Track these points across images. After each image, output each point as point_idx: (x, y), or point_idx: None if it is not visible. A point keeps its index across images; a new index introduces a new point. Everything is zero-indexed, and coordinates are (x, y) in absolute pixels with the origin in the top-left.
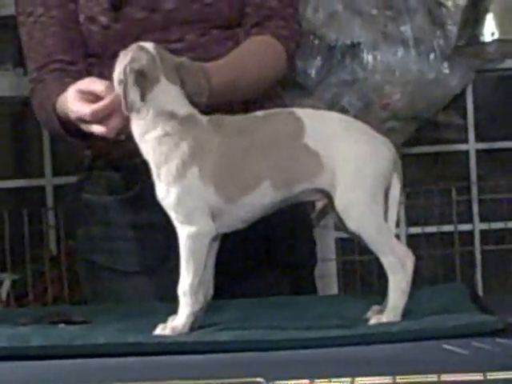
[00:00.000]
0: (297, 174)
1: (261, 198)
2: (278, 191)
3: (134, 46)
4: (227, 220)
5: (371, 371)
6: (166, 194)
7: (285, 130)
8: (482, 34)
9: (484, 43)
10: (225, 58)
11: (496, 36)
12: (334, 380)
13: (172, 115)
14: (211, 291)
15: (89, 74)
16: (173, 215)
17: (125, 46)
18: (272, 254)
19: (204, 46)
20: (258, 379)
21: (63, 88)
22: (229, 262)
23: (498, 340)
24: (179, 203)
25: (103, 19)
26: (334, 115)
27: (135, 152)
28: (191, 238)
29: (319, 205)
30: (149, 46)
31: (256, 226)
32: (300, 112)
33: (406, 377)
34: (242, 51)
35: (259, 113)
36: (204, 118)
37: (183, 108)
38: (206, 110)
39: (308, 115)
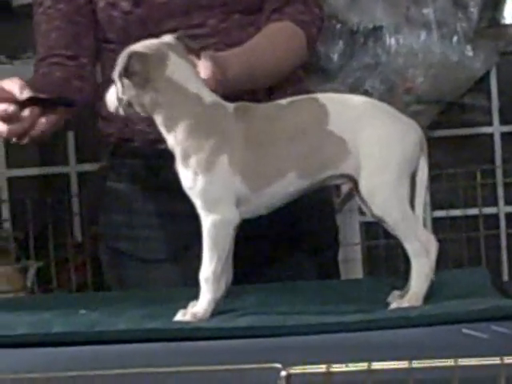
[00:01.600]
0: (322, 162)
1: (285, 188)
2: (303, 180)
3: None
4: (251, 207)
5: (388, 356)
6: (194, 182)
7: (309, 117)
8: (503, 16)
9: (505, 25)
10: (242, 46)
11: None
12: (350, 365)
13: (198, 101)
14: (231, 277)
15: (110, 59)
16: (198, 203)
17: (146, 31)
18: (295, 239)
19: (225, 31)
20: (276, 365)
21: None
22: (251, 247)
23: None
24: (207, 191)
25: (124, 4)
26: (359, 99)
27: (158, 139)
28: (216, 225)
29: (344, 189)
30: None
31: (278, 211)
32: (324, 98)
33: (423, 361)
34: (260, 39)
35: (283, 101)
36: (230, 106)
37: (208, 94)
38: (229, 98)
39: (332, 101)
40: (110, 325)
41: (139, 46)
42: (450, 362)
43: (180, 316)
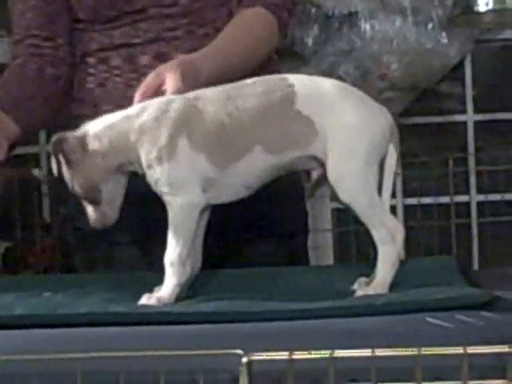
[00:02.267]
0: (289, 140)
1: (254, 163)
2: (270, 156)
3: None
4: (221, 189)
5: (351, 344)
6: (161, 173)
7: (275, 95)
8: (477, 3)
9: (479, 13)
10: (214, 42)
11: (490, 6)
12: (313, 352)
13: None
14: (199, 263)
15: (80, 39)
16: (164, 190)
17: (116, 10)
18: (264, 225)
19: (198, 11)
20: (237, 351)
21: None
22: (220, 233)
23: (483, 313)
24: (171, 177)
25: None
26: (330, 82)
27: None
28: (181, 208)
29: (315, 174)
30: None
31: (246, 197)
32: (292, 78)
33: (386, 350)
34: (231, 30)
35: (248, 80)
36: (184, 95)
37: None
38: None
39: (300, 81)
40: (73, 308)
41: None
42: (413, 351)
43: (144, 300)
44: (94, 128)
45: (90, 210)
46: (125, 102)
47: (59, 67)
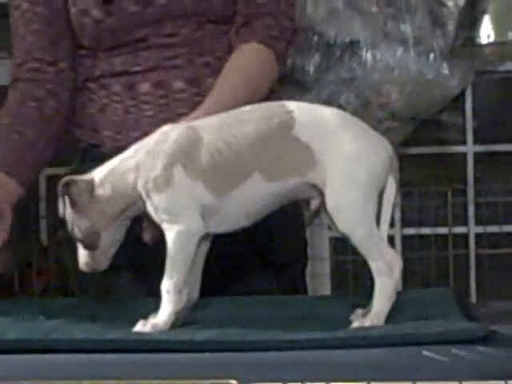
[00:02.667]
0: (288, 166)
1: (252, 190)
2: (269, 183)
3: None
4: (221, 218)
5: (346, 376)
6: (159, 201)
7: (273, 121)
8: (479, 35)
9: (480, 45)
10: (214, 95)
11: (492, 38)
12: None
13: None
14: (197, 292)
15: (82, 65)
16: (163, 218)
17: (118, 40)
18: (263, 252)
19: (198, 40)
20: (232, 381)
21: (12, 119)
22: (218, 261)
23: (479, 348)
24: (169, 204)
25: (96, 13)
26: (330, 110)
27: (126, 146)
28: (179, 236)
29: (314, 204)
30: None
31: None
32: (291, 104)
33: (381, 383)
34: (230, 78)
35: (246, 107)
36: (180, 126)
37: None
38: None
39: (300, 108)
40: (66, 333)
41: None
42: None
43: (139, 327)
44: (99, 174)
45: (81, 253)
46: (123, 128)
47: (60, 95)
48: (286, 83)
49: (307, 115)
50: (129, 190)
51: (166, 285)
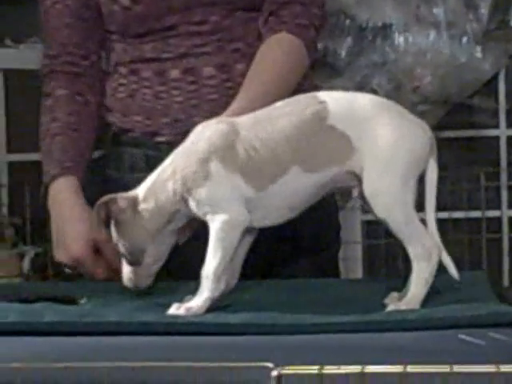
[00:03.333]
0: (325, 156)
1: (292, 184)
2: (309, 174)
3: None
4: (264, 211)
5: (382, 360)
6: (199, 195)
7: (306, 113)
8: None
9: None
10: (243, 95)
11: None
12: (343, 367)
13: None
14: (235, 281)
15: (113, 49)
16: (206, 210)
17: (146, 27)
18: (297, 237)
19: (228, 28)
20: (267, 364)
21: (69, 117)
22: (252, 247)
23: None
24: (211, 196)
25: (124, 0)
26: (367, 97)
27: (156, 132)
28: (224, 225)
29: (355, 191)
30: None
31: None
32: (323, 95)
33: (417, 366)
34: (260, 74)
35: (278, 103)
36: (214, 124)
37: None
38: None
39: (333, 97)
40: (101, 316)
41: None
42: (445, 368)
43: (174, 309)
44: (141, 190)
45: (125, 269)
46: (153, 113)
47: (96, 88)
48: (318, 67)
49: (341, 104)
50: (170, 198)
51: (206, 271)
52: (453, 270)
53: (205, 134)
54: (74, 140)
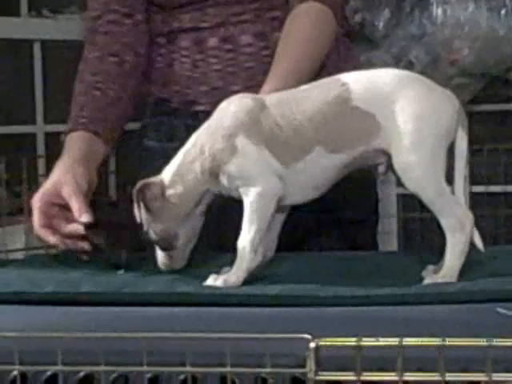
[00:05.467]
0: (350, 137)
1: (316, 164)
2: (333, 155)
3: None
4: (291, 188)
5: (420, 332)
6: (229, 170)
7: (329, 96)
8: None
9: None
10: (276, 69)
11: None
12: (381, 340)
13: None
14: (272, 253)
15: (152, 20)
16: (238, 184)
17: None
18: (334, 209)
19: None
20: (305, 335)
21: (94, 77)
22: (289, 217)
23: None
24: (242, 171)
25: None
26: (390, 72)
27: (195, 101)
28: (258, 196)
29: (381, 168)
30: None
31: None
32: (346, 77)
33: (455, 339)
34: (291, 44)
35: (303, 86)
36: (238, 99)
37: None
38: None
39: (355, 78)
40: (139, 287)
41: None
42: (483, 342)
43: (211, 281)
44: (168, 174)
45: (159, 253)
46: (191, 82)
47: (137, 49)
48: (356, 39)
49: (363, 83)
50: (199, 178)
51: (242, 242)
52: (479, 242)
53: (230, 109)
54: (94, 98)
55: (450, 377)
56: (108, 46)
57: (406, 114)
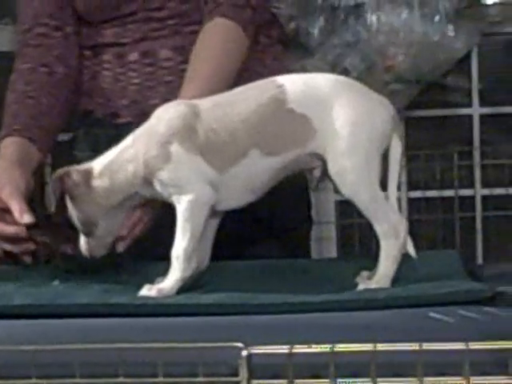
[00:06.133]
0: (286, 140)
1: (252, 167)
2: (269, 158)
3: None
4: (226, 194)
5: (352, 338)
6: (162, 176)
7: (265, 97)
8: None
9: (486, 5)
10: (185, 88)
11: None
12: (313, 346)
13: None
14: (206, 263)
15: (78, 34)
16: (171, 191)
17: (106, 15)
18: (266, 216)
19: (185, 13)
20: (237, 344)
21: (26, 87)
22: (221, 225)
23: (485, 309)
24: (175, 178)
25: None
26: (326, 77)
27: (117, 113)
28: (189, 204)
29: (316, 172)
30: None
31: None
32: (281, 79)
33: (388, 345)
34: (200, 65)
35: (238, 89)
36: (174, 106)
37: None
38: None
39: (291, 80)
40: (73, 297)
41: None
42: (415, 346)
43: (145, 291)
44: (98, 165)
45: (82, 238)
46: (112, 95)
47: (68, 60)
48: (291, 47)
49: (299, 86)
50: (130, 180)
51: (176, 251)
52: (411, 248)
53: (165, 116)
54: (27, 106)
55: (382, 382)
56: (39, 57)
57: (341, 119)
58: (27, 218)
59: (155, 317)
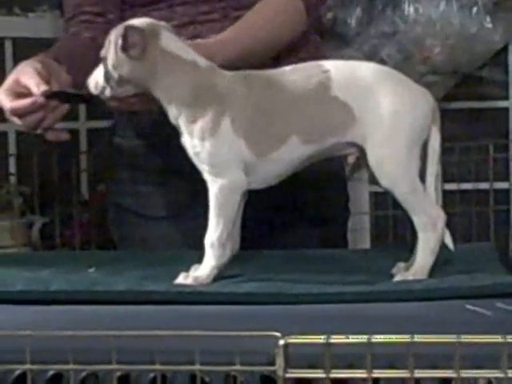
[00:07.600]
0: (327, 127)
1: (290, 154)
2: (307, 146)
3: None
4: (259, 175)
5: (389, 329)
6: (200, 148)
7: (312, 82)
8: None
9: None
10: (233, 28)
11: None
12: (350, 337)
13: (195, 67)
14: (238, 245)
15: (123, 20)
16: (205, 168)
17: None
18: (303, 207)
19: None
20: (274, 333)
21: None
22: (259, 215)
23: None
24: (213, 155)
25: None
26: (370, 66)
27: None
28: (223, 190)
29: (351, 158)
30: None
31: (287, 179)
32: (329, 64)
33: (425, 336)
34: (252, 17)
35: (287, 67)
36: (228, 73)
37: (204, 61)
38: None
39: (337, 67)
40: (109, 285)
41: (133, 22)
42: (451, 338)
43: (181, 279)
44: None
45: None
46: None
47: None
48: (327, 37)
49: (344, 73)
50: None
51: (210, 238)
52: (449, 241)
53: (222, 76)
54: (66, 41)
55: (419, 373)
56: (82, 30)
57: (383, 108)
58: (43, 88)
59: (192, 305)
